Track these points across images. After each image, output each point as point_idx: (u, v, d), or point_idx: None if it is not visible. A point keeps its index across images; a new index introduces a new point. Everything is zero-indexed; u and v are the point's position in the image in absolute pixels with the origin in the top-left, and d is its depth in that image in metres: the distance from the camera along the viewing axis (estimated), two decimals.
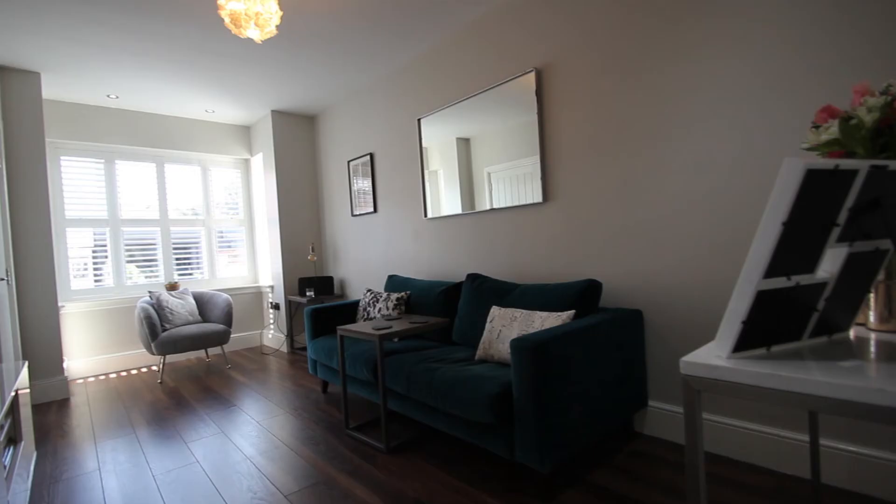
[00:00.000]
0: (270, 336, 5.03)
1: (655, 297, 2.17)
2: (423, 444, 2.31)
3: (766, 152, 1.80)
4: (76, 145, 4.14)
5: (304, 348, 4.68)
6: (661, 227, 2.13)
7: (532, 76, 2.58)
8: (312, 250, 4.63)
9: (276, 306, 4.85)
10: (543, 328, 2.04)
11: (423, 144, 3.45)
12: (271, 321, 5.03)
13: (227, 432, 2.62)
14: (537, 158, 2.63)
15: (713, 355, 0.82)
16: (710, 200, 1.96)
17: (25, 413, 2.06)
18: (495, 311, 2.33)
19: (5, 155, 3.28)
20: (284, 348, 4.74)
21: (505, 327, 2.20)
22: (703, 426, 0.85)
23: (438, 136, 3.33)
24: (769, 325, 0.80)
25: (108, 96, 3.97)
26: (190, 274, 4.81)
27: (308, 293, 4.28)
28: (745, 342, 0.80)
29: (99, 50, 3.11)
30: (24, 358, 3.34)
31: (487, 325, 2.30)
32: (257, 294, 5.19)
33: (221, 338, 4.01)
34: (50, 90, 3.76)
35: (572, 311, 2.03)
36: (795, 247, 0.75)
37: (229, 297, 4.32)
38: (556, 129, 2.54)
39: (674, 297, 2.11)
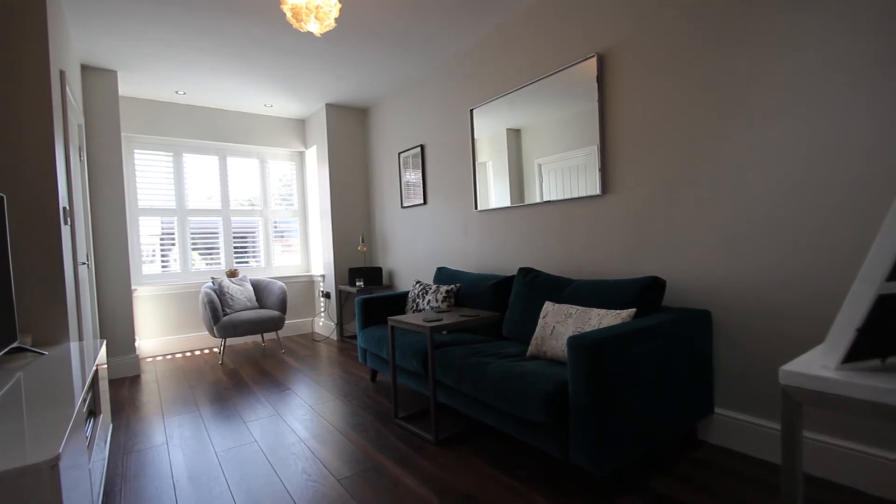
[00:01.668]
0: (321, 324, 5.18)
1: (727, 297, 2.02)
2: (471, 437, 2.29)
3: (869, 140, 1.62)
4: (148, 139, 4.42)
5: (354, 337, 4.79)
6: (738, 223, 1.97)
7: (593, 62, 2.46)
8: (363, 241, 4.71)
9: (326, 295, 4.98)
10: (601, 326, 1.95)
11: (475, 136, 3.40)
12: (322, 309, 5.18)
13: (282, 414, 2.71)
14: (592, 149, 2.51)
15: (818, 365, 0.73)
16: (798, 194, 1.79)
17: (103, 387, 2.22)
18: (549, 306, 2.26)
19: (86, 149, 3.55)
20: (334, 336, 4.87)
21: (559, 324, 2.13)
22: (802, 443, 0.77)
23: (488, 128, 3.27)
24: (888, 333, 0.70)
25: (176, 92, 4.19)
26: (246, 262, 5.03)
27: (357, 283, 4.36)
28: (858, 352, 0.71)
29: (169, 48, 3.28)
30: (102, 337, 3.62)
31: (540, 321, 2.23)
32: (309, 283, 5.35)
33: (276, 324, 4.17)
34: (125, 87, 4.01)
35: (633, 310, 1.92)
36: None
37: (284, 284, 4.48)
38: (618, 118, 2.41)
39: (749, 299, 1.95)
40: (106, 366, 2.46)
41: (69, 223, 2.48)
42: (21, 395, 1.38)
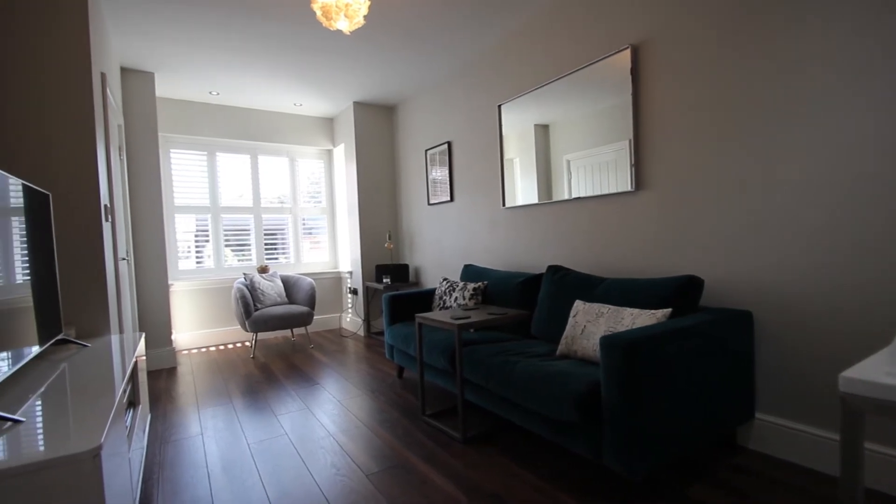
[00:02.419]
0: (348, 320, 5.24)
1: (771, 297, 1.93)
2: (498, 436, 2.26)
3: None
4: (183, 139, 4.56)
5: (380, 333, 4.83)
6: (785, 220, 1.87)
7: (627, 54, 2.38)
8: (389, 238, 4.73)
9: (354, 291, 5.04)
10: (634, 326, 1.89)
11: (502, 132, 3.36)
12: (349, 305, 5.24)
13: (311, 408, 2.75)
14: (623, 144, 2.44)
15: (882, 372, 0.68)
16: (856, 190, 1.68)
17: (142, 379, 2.30)
18: (579, 305, 2.20)
19: (126, 148, 3.68)
20: (361, 332, 4.91)
21: (590, 323, 2.08)
22: (864, 454, 0.71)
23: (516, 124, 3.23)
24: None
25: (210, 93, 4.31)
26: (276, 258, 5.13)
27: (384, 280, 4.39)
28: None
29: (204, 50, 3.36)
30: (141, 330, 3.76)
31: (570, 320, 2.18)
32: (337, 279, 5.42)
33: (306, 319, 4.24)
34: (162, 88, 4.15)
35: (669, 310, 1.86)
36: None
37: (312, 281, 4.55)
38: (652, 111, 2.33)
39: (795, 300, 1.85)
40: (145, 358, 2.55)
41: (110, 220, 2.57)
42: (65, 385, 1.43)
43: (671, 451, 1.68)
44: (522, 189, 3.21)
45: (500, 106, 3.34)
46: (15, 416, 1.13)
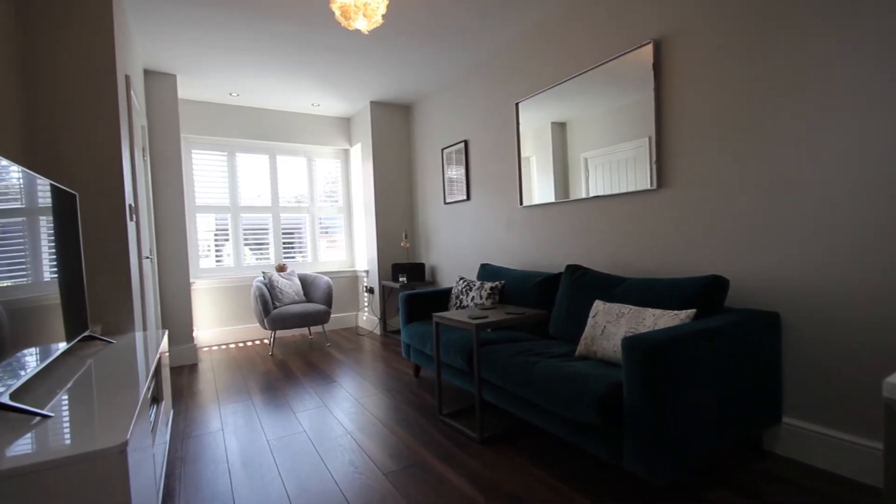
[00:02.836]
0: (364, 318, 5.27)
1: (799, 298, 1.87)
2: (515, 436, 2.24)
3: None
4: (204, 140, 4.64)
5: (396, 332, 4.84)
6: (814, 219, 1.81)
7: (649, 49, 2.34)
8: (406, 237, 4.74)
9: (370, 290, 5.06)
10: (657, 327, 1.85)
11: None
12: (366, 304, 5.26)
13: (328, 406, 2.77)
14: (643, 141, 2.40)
15: None
16: (892, 189, 1.62)
17: (165, 375, 2.35)
18: (599, 305, 2.17)
19: (149, 149, 3.76)
20: (377, 331, 4.93)
21: (610, 324, 2.04)
22: None
23: (532, 121, 3.20)
24: None
25: (230, 94, 4.37)
26: (293, 257, 5.19)
27: (401, 279, 4.40)
28: None
29: (225, 51, 3.41)
30: (163, 327, 3.84)
31: (590, 321, 2.15)
32: (353, 278, 5.45)
33: (323, 317, 4.27)
34: (184, 90, 4.22)
35: (693, 311, 1.81)
36: None
37: (329, 279, 4.58)
38: (675, 107, 2.28)
39: (825, 300, 1.79)
40: (168, 354, 2.60)
41: (135, 219, 2.63)
42: (91, 381, 1.47)
43: (695, 455, 1.64)
44: (539, 188, 3.18)
45: (517, 104, 3.31)
46: (44, 412, 1.16)
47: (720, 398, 1.71)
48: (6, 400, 1.12)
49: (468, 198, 4.02)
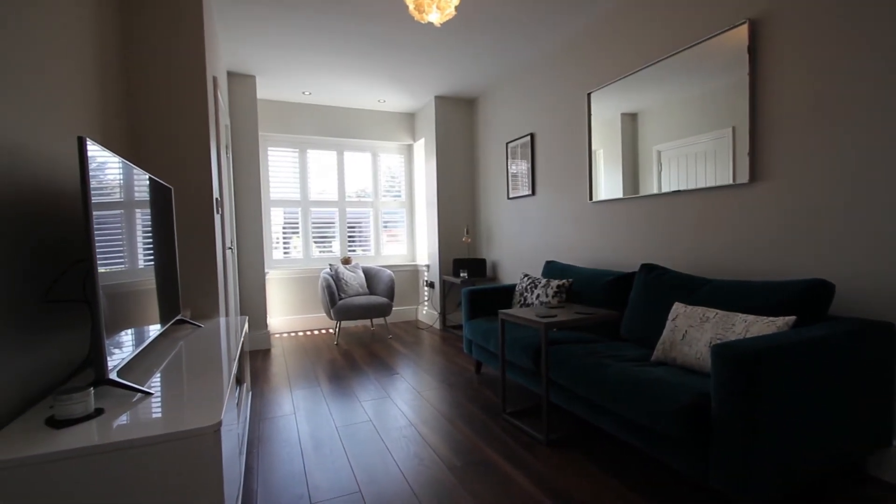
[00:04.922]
0: (424, 312, 5.33)
1: None
2: (584, 441, 2.16)
3: None
4: (279, 137, 4.88)
5: (456, 327, 4.85)
6: None
7: (743, 29, 2.13)
8: (467, 233, 4.72)
9: (431, 285, 5.10)
10: (748, 335, 1.69)
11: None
12: (426, 298, 5.32)
13: (391, 396, 2.82)
14: (724, 132, 2.22)
15: None
16: None
17: (245, 358, 2.49)
18: (679, 308, 2.03)
19: (231, 147, 4.01)
20: (437, 325, 4.97)
21: (692, 328, 1.90)
22: None
23: (600, 113, 3.07)
24: None
25: (303, 93, 4.56)
26: (354, 251, 5.35)
27: (461, 274, 4.39)
28: None
29: (299, 52, 3.55)
30: (242, 313, 4.10)
31: (669, 324, 2.02)
32: (414, 272, 5.53)
33: (385, 310, 4.37)
34: (261, 91, 4.46)
35: (792, 318, 1.64)
36: None
37: (392, 273, 4.67)
38: (773, 94, 2.07)
39: None
40: (247, 339, 2.77)
41: (220, 212, 2.81)
42: (182, 362, 1.58)
43: (790, 477, 1.48)
44: (606, 182, 3.03)
45: (589, 94, 3.17)
46: (146, 389, 1.26)
47: (822, 416, 1.54)
48: (114, 376, 1.22)
49: (533, 193, 3.93)
